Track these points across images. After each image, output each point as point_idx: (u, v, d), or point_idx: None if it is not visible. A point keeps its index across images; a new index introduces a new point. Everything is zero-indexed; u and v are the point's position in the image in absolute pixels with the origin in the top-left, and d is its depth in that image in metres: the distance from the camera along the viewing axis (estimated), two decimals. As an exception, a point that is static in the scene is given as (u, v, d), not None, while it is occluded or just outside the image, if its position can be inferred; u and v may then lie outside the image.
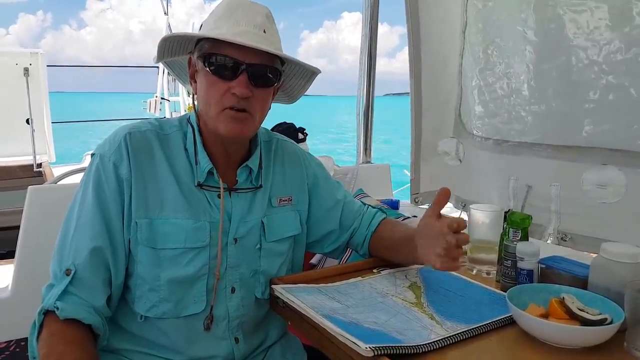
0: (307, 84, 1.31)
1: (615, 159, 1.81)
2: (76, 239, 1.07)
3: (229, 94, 1.10)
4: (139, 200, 1.10)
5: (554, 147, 2.04)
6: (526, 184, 2.13)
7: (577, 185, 1.93)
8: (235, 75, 1.09)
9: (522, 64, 2.08)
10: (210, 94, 1.11)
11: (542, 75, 2.00)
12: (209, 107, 1.12)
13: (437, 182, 2.77)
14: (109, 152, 1.11)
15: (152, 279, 1.11)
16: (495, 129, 2.30)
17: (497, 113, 2.27)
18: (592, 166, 1.88)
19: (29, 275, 1.79)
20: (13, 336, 1.81)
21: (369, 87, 2.81)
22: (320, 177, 1.39)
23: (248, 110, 1.12)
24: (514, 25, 2.09)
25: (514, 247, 1.22)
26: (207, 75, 1.11)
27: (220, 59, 1.09)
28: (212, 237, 1.15)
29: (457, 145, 2.58)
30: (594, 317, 0.98)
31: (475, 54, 2.34)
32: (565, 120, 1.96)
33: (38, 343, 1.00)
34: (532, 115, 2.09)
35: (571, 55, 1.87)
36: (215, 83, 1.10)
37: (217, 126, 1.12)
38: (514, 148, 2.21)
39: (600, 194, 1.86)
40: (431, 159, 2.75)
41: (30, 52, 5.36)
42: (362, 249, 1.42)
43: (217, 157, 1.19)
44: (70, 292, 1.03)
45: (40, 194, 1.85)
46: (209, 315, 1.16)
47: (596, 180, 1.87)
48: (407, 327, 1.01)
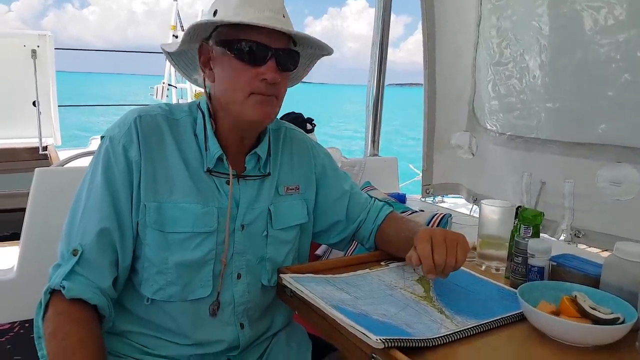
0: (311, 66, 1.31)
1: (629, 156, 1.80)
2: (84, 220, 1.07)
3: (257, 80, 1.09)
4: (147, 184, 1.10)
5: (567, 144, 2.02)
6: (540, 179, 2.12)
7: (591, 182, 1.92)
8: (264, 60, 1.09)
9: (536, 59, 2.06)
10: (237, 80, 1.10)
11: (557, 71, 1.98)
12: (235, 93, 1.11)
13: (449, 175, 2.75)
14: (118, 135, 1.11)
15: (160, 261, 1.12)
16: (509, 124, 2.28)
17: (511, 108, 2.25)
18: (607, 163, 1.86)
19: (34, 257, 1.79)
20: (17, 317, 1.81)
21: (379, 80, 2.79)
22: (328, 167, 1.38)
23: (275, 95, 1.13)
24: (529, 19, 2.06)
25: (526, 243, 1.20)
26: (232, 61, 1.09)
27: (247, 45, 1.08)
28: (219, 223, 1.15)
29: (470, 138, 2.56)
30: (606, 316, 0.97)
31: (489, 48, 2.31)
32: (580, 117, 1.94)
33: (44, 322, 1.01)
34: (546, 112, 2.07)
35: (587, 51, 1.84)
36: (242, 69, 1.09)
37: (244, 112, 1.11)
38: (527, 144, 2.19)
39: (614, 191, 1.85)
40: (444, 151, 2.73)
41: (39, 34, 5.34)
42: (368, 243, 1.41)
43: (229, 143, 1.19)
44: (77, 272, 1.04)
45: (47, 176, 1.85)
46: (216, 301, 1.17)
47: (611, 177, 1.85)
48: (416, 320, 1.01)
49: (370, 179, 2.49)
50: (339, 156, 2.54)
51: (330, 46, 1.22)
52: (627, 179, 1.79)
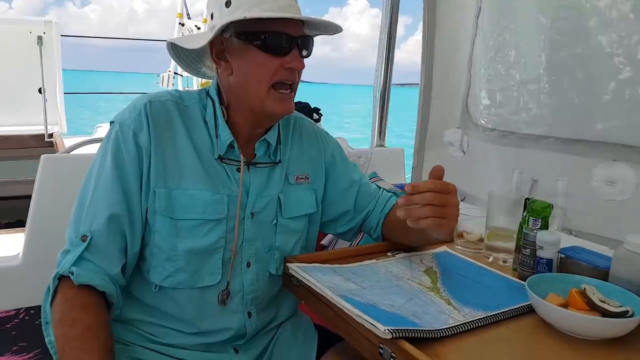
0: None
1: (626, 155, 1.76)
2: (93, 205, 1.07)
3: (281, 69, 1.09)
4: (157, 170, 1.10)
5: (562, 141, 1.97)
6: (532, 177, 2.08)
7: (585, 181, 1.88)
8: (289, 50, 1.09)
9: (535, 52, 2.02)
10: (261, 72, 1.09)
11: (556, 65, 1.94)
12: (259, 85, 1.10)
13: None
14: (128, 120, 1.10)
15: (169, 248, 1.11)
16: (502, 120, 2.24)
17: (505, 103, 2.21)
18: (602, 162, 1.83)
19: (40, 244, 1.80)
20: (23, 304, 1.82)
21: (387, 72, 2.77)
22: (338, 157, 1.38)
23: (295, 84, 1.14)
24: (529, 11, 2.02)
25: (534, 235, 1.19)
26: (255, 52, 1.08)
27: (272, 36, 1.08)
28: (229, 211, 1.15)
29: (461, 136, 2.54)
30: (615, 309, 0.96)
31: (487, 40, 2.27)
32: (578, 113, 1.90)
33: (52, 308, 1.00)
34: (542, 107, 2.03)
35: (588, 45, 1.81)
36: (267, 60, 1.08)
37: (264, 105, 1.12)
38: (520, 140, 2.14)
39: (609, 191, 1.81)
40: (436, 148, 2.71)
41: (45, 21, 5.32)
42: (375, 233, 1.40)
43: (240, 131, 1.18)
44: (85, 258, 1.03)
45: (53, 163, 1.85)
46: (225, 290, 1.16)
47: (605, 176, 1.82)
48: (424, 311, 1.00)
49: (376, 170, 2.48)
50: (345, 146, 2.52)
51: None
52: (622, 179, 1.76)
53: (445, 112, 2.62)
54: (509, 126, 2.20)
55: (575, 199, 1.91)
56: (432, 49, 2.64)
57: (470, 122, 2.47)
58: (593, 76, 1.80)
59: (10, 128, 5.42)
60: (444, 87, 2.64)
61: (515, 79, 2.14)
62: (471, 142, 2.48)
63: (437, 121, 2.69)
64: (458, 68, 2.52)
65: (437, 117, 2.70)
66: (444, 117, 2.63)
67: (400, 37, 4.24)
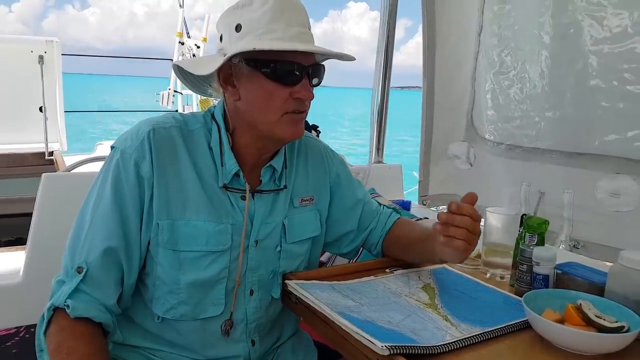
0: None
1: (629, 168, 1.79)
2: (90, 236, 1.05)
3: (292, 99, 1.07)
4: (160, 201, 1.07)
5: (567, 154, 2.01)
6: (539, 190, 2.11)
7: (590, 193, 1.91)
8: (299, 79, 1.07)
9: (537, 68, 2.05)
10: (270, 101, 1.07)
11: (558, 80, 1.98)
12: (268, 114, 1.08)
13: (446, 186, 2.75)
14: (130, 149, 1.07)
15: (172, 281, 1.10)
16: (508, 134, 2.27)
17: (510, 118, 2.24)
18: (606, 174, 1.85)
19: (41, 262, 1.80)
20: (23, 322, 1.82)
21: (384, 87, 2.79)
22: (343, 176, 1.36)
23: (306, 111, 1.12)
24: (530, 29, 2.06)
25: (531, 251, 1.21)
26: (264, 81, 1.05)
27: (282, 66, 1.05)
28: (233, 240, 1.13)
29: (468, 149, 2.56)
30: (611, 324, 0.97)
31: (490, 57, 2.31)
32: (580, 127, 1.93)
33: (46, 337, 0.99)
34: (546, 121, 2.06)
35: (588, 61, 1.84)
36: (276, 89, 1.06)
37: (276, 131, 1.09)
38: (526, 154, 2.18)
39: (613, 203, 1.84)
40: (441, 161, 2.73)
41: (46, 40, 5.36)
42: (375, 249, 1.40)
43: (246, 157, 1.15)
44: (81, 290, 1.02)
45: (54, 182, 1.86)
46: (229, 320, 1.15)
47: (610, 188, 1.84)
48: (421, 327, 1.01)
49: (374, 186, 2.49)
50: (343, 163, 2.54)
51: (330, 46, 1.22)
52: (626, 191, 1.79)
53: (449, 126, 2.65)
54: (515, 140, 2.23)
55: (581, 211, 1.94)
56: (433, 65, 2.66)
57: (476, 135, 2.50)
58: (594, 91, 1.84)
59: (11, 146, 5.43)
60: (446, 101, 2.66)
61: (519, 94, 2.17)
62: (478, 155, 2.51)
63: (441, 135, 2.71)
64: (461, 83, 2.55)
65: (441, 131, 2.72)
66: (448, 131, 2.65)
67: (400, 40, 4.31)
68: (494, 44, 2.28)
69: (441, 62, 2.66)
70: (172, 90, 6.96)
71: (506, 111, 2.25)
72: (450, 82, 2.62)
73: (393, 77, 2.83)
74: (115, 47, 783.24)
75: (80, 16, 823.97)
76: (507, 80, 2.23)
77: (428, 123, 2.73)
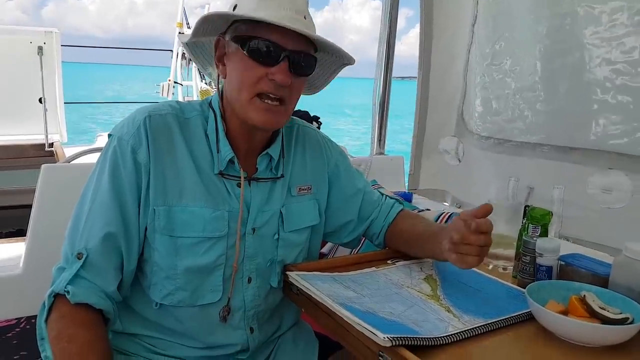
0: (334, 75, 1.27)
1: (622, 163, 1.75)
2: (89, 223, 1.05)
3: (266, 79, 1.05)
4: (157, 187, 1.07)
5: (558, 148, 1.97)
6: (528, 185, 2.08)
7: (581, 189, 1.87)
8: (277, 61, 1.05)
9: (531, 60, 2.01)
10: (244, 78, 1.07)
11: (552, 73, 1.94)
12: (241, 92, 1.08)
13: (435, 180, 2.73)
14: (127, 136, 1.07)
15: (169, 267, 1.10)
16: (498, 128, 2.23)
17: (500, 111, 2.20)
18: (598, 170, 1.82)
19: (41, 253, 1.79)
20: (23, 313, 1.82)
21: (386, 79, 2.77)
22: (342, 166, 1.36)
23: (285, 99, 1.09)
24: (526, 19, 2.02)
25: (534, 242, 1.20)
26: (244, 58, 1.06)
27: (260, 43, 1.04)
28: (230, 227, 1.12)
29: (457, 144, 2.54)
30: (615, 316, 0.96)
31: (483, 48, 2.27)
32: (573, 120, 1.89)
33: (47, 325, 0.99)
34: (538, 115, 2.02)
35: (584, 53, 1.81)
36: (251, 67, 1.05)
37: (247, 113, 1.08)
38: (516, 148, 2.14)
39: (605, 199, 1.80)
40: (433, 155, 2.71)
41: (45, 31, 5.34)
42: (377, 240, 1.40)
43: (239, 144, 1.15)
44: (81, 276, 1.01)
45: (54, 173, 1.85)
46: (226, 306, 1.15)
47: (601, 184, 1.81)
48: (424, 319, 1.00)
49: (376, 178, 2.48)
50: (345, 155, 2.53)
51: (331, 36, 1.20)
52: (618, 187, 1.75)
53: (442, 120, 2.63)
54: (505, 134, 2.20)
55: (571, 207, 1.91)
56: (429, 57, 2.65)
57: (465, 130, 2.47)
58: (589, 84, 1.80)
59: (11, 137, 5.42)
60: (440, 95, 2.65)
61: (511, 87, 2.14)
62: (467, 150, 2.48)
63: (434, 129, 2.70)
64: (455, 76, 2.52)
65: (433, 125, 2.70)
66: (441, 124, 2.64)
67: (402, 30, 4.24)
68: (488, 34, 2.25)
69: (437, 55, 2.64)
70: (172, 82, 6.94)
71: (496, 104, 2.22)
72: (444, 75, 2.61)
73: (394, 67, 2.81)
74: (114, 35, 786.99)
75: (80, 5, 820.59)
76: (500, 72, 2.19)
77: (422, 116, 2.72)
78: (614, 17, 1.71)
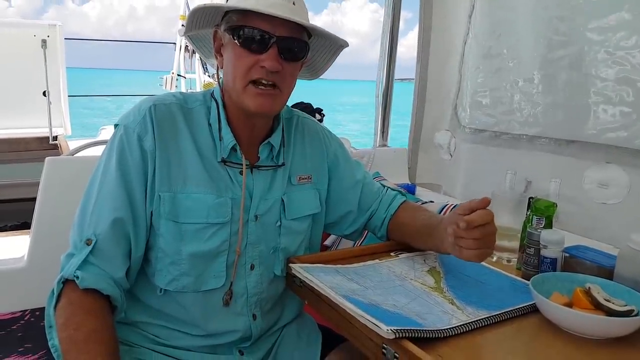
0: (332, 59, 1.29)
1: (619, 157, 1.73)
2: (98, 209, 1.06)
3: (257, 67, 1.08)
4: (162, 174, 1.09)
5: (556, 141, 1.95)
6: (525, 178, 2.06)
7: (578, 182, 1.85)
8: (265, 48, 1.07)
9: (529, 52, 1.99)
10: (237, 67, 1.09)
11: (550, 65, 1.91)
12: (235, 81, 1.10)
13: (431, 175, 2.72)
14: (133, 124, 1.10)
15: (174, 252, 1.11)
16: (494, 120, 2.21)
17: (497, 103, 2.17)
18: (595, 163, 1.80)
19: (45, 246, 1.80)
20: (28, 306, 1.83)
21: (389, 71, 2.76)
22: (341, 157, 1.37)
23: (278, 84, 1.10)
24: (524, 10, 2.00)
25: (538, 234, 1.19)
26: (235, 47, 1.09)
27: (249, 32, 1.07)
28: (233, 214, 1.14)
29: (449, 138, 2.52)
30: (619, 308, 0.96)
31: (480, 40, 2.25)
32: (571, 113, 1.86)
33: (55, 312, 1.00)
34: (536, 107, 1.99)
35: (584, 45, 1.79)
36: (243, 56, 1.08)
37: (243, 101, 1.11)
38: (513, 141, 2.12)
39: (601, 194, 1.79)
40: (430, 149, 2.70)
41: (49, 24, 5.33)
42: (379, 232, 1.40)
43: (241, 133, 1.18)
44: (90, 262, 1.03)
45: (58, 166, 1.85)
46: (228, 290, 1.16)
47: (598, 178, 1.79)
48: (427, 311, 1.00)
49: (379, 170, 2.48)
50: (348, 147, 2.52)
51: None
52: (615, 182, 1.72)
53: (438, 114, 2.62)
54: (501, 126, 2.18)
55: (568, 201, 1.89)
56: (427, 50, 2.64)
57: (458, 123, 2.45)
58: (587, 77, 1.78)
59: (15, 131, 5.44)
60: (437, 88, 2.63)
61: (508, 79, 2.11)
62: (462, 144, 2.45)
63: (431, 122, 2.69)
64: (451, 69, 2.50)
65: (430, 119, 2.69)
66: (437, 118, 2.63)
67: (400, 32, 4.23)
68: (485, 26, 2.22)
69: (435, 50, 2.62)
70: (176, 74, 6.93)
71: (493, 96, 2.19)
72: (442, 69, 2.59)
73: (395, 71, 2.80)
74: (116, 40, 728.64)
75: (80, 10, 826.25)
76: (497, 63, 2.17)
77: (418, 109, 2.71)
78: (613, 10, 1.68)
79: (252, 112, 1.13)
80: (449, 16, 2.53)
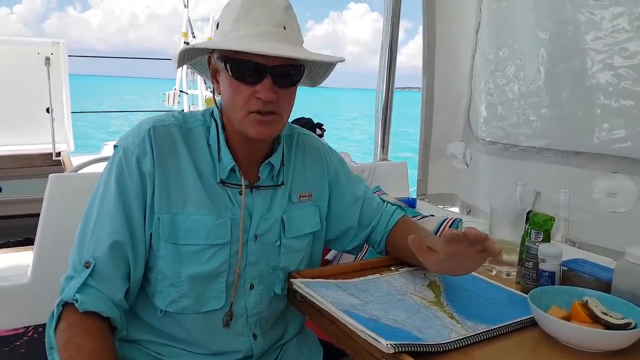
0: (330, 69, 1.26)
1: (626, 167, 1.76)
2: (97, 232, 1.07)
3: (254, 98, 1.07)
4: (161, 196, 1.10)
5: (563, 153, 1.98)
6: (535, 189, 2.08)
7: (587, 193, 1.88)
8: (260, 79, 1.06)
9: (534, 66, 2.03)
10: (235, 99, 1.09)
11: (555, 78, 1.95)
12: (235, 111, 1.10)
13: (444, 185, 2.74)
14: (132, 146, 1.10)
15: (173, 274, 1.11)
16: (504, 133, 2.24)
17: (506, 116, 2.22)
18: (603, 174, 1.82)
19: (49, 262, 1.81)
20: (31, 322, 1.83)
21: (389, 85, 2.78)
22: (341, 173, 1.37)
23: (276, 111, 1.10)
24: (528, 26, 2.04)
25: (536, 248, 1.20)
26: (230, 79, 1.08)
27: (242, 64, 1.05)
28: (232, 234, 1.14)
29: (464, 148, 2.55)
30: (617, 321, 0.97)
31: (487, 55, 2.29)
32: (577, 125, 1.90)
33: (56, 334, 1.00)
34: (543, 120, 2.03)
35: (586, 58, 1.82)
36: (238, 88, 1.08)
37: (245, 129, 1.11)
38: (522, 153, 2.15)
39: (610, 203, 1.80)
40: (440, 160, 2.72)
41: (52, 42, 5.38)
42: (379, 247, 1.41)
43: (240, 154, 1.18)
44: (89, 285, 1.03)
45: (61, 182, 1.87)
46: (229, 311, 1.16)
47: (606, 188, 1.81)
48: (427, 325, 1.01)
49: (379, 184, 2.49)
50: (348, 161, 2.54)
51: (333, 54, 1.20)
52: (623, 191, 1.75)
53: (447, 125, 2.65)
54: (510, 139, 2.21)
55: (578, 211, 1.91)
56: (433, 63, 2.67)
57: (472, 134, 2.48)
58: (591, 89, 1.81)
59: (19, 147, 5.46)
60: (445, 100, 2.66)
61: (515, 93, 2.15)
62: (474, 155, 2.49)
63: (440, 134, 2.71)
64: (459, 82, 2.54)
65: (439, 130, 2.72)
66: (447, 130, 2.65)
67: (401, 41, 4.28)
68: (491, 41, 2.26)
69: (440, 61, 2.66)
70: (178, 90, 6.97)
71: (502, 110, 2.24)
72: (449, 81, 2.62)
73: (395, 78, 2.82)
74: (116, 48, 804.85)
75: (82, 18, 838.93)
76: (504, 78, 2.21)
77: (427, 121, 2.73)
78: (614, 23, 1.71)
79: (254, 140, 1.13)
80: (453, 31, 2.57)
